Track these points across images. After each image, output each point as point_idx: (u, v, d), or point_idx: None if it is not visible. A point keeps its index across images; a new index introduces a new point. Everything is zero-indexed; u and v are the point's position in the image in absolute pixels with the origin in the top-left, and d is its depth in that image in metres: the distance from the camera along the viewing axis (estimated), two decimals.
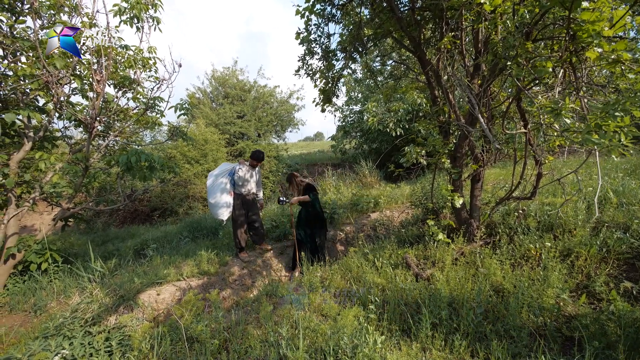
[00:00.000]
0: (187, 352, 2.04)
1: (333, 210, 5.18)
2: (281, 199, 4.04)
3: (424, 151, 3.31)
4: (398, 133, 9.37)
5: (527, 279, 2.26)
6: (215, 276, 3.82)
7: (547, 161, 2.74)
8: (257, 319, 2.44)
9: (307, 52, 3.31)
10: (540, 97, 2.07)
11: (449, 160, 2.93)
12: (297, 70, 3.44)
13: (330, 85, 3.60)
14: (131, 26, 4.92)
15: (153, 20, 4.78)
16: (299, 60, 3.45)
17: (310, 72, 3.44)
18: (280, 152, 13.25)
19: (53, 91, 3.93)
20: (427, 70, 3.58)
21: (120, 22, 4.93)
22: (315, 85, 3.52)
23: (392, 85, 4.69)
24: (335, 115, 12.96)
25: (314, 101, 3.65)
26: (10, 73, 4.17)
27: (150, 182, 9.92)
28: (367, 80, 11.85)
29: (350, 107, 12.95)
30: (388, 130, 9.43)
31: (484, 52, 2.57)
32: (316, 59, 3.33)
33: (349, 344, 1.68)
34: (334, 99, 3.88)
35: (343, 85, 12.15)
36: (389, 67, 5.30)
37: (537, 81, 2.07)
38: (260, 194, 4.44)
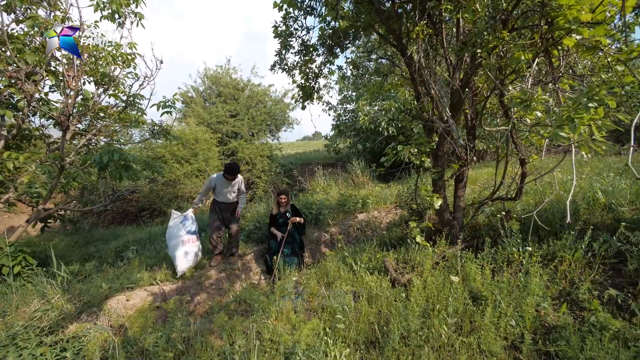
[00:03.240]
0: None
1: (319, 211, 5.03)
2: (278, 239, 3.85)
3: (414, 149, 3.19)
4: (390, 132, 9.21)
5: (507, 285, 2.12)
6: (191, 280, 3.67)
7: (531, 160, 2.60)
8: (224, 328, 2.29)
9: (283, 45, 3.15)
10: (511, 89, 1.93)
11: (429, 159, 2.78)
12: (273, 66, 3.29)
13: (310, 81, 3.45)
14: (113, 22, 4.77)
15: (135, 16, 4.64)
16: (275, 55, 3.30)
17: (286, 67, 3.28)
18: (274, 152, 13.09)
19: (21, 87, 3.77)
20: (410, 65, 3.43)
21: (100, 18, 4.78)
22: (294, 81, 3.37)
23: (378, 83, 4.55)
24: (329, 114, 12.83)
25: (292, 97, 3.49)
26: None
27: (138, 182, 9.73)
28: (355, 79, 11.74)
29: (344, 106, 12.82)
30: (380, 129, 9.29)
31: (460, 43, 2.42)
32: (292, 53, 3.18)
33: (305, 358, 1.53)
34: (318, 96, 3.72)
35: (336, 84, 12.02)
36: (373, 64, 5.16)
37: (514, 74, 1.92)
38: (241, 205, 4.18)
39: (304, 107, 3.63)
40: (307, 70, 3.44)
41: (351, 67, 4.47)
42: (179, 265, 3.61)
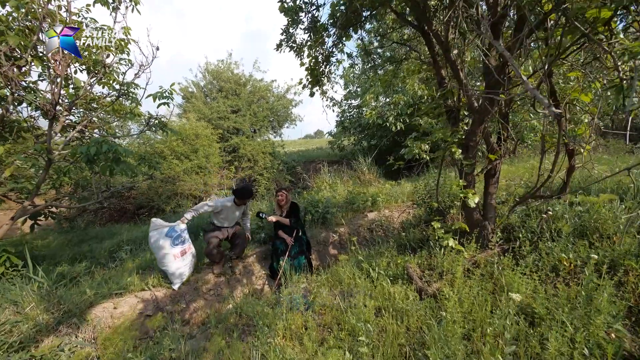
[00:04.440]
0: None
1: (326, 209, 4.66)
2: (261, 214, 3.67)
3: (426, 145, 2.84)
4: (398, 127, 8.79)
5: (564, 300, 1.74)
6: (187, 285, 3.31)
7: (582, 151, 2.21)
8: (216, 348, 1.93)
9: (290, 22, 2.78)
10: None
11: (460, 151, 2.40)
12: (279, 45, 2.91)
13: (320, 64, 3.07)
14: (107, 7, 4.44)
15: (130, 1, 4.30)
16: (281, 34, 2.92)
17: (294, 46, 2.90)
18: (277, 149, 12.74)
19: (4, 72, 3.42)
20: (432, 46, 3.05)
21: (94, 3, 4.45)
22: (302, 64, 2.99)
23: (392, 71, 4.15)
24: (333, 110, 12.46)
25: (300, 82, 3.12)
26: None
27: (136, 179, 9.42)
28: (364, 73, 11.35)
29: (349, 102, 12.43)
30: (388, 124, 8.89)
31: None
32: (301, 28, 2.80)
33: None
34: (326, 82, 3.34)
35: (341, 78, 11.62)
36: (387, 50, 4.74)
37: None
38: (248, 225, 3.88)
39: (312, 94, 3.26)
40: (317, 53, 3.06)
41: (362, 53, 4.08)
42: (174, 281, 3.20)
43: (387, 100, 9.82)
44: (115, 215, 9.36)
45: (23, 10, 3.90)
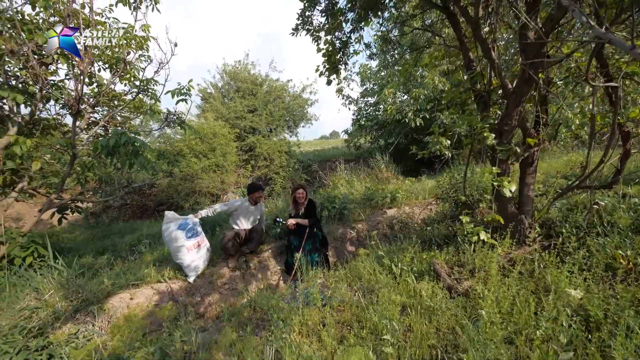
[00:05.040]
0: None
1: (343, 205, 4.50)
2: (277, 220, 3.62)
3: (447, 141, 2.65)
4: (418, 124, 8.48)
5: (626, 302, 1.49)
6: (202, 279, 3.26)
7: None
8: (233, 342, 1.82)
9: (307, 4, 2.65)
10: None
11: (492, 135, 2.17)
12: (295, 29, 2.80)
13: (338, 50, 2.93)
14: (129, 7, 4.55)
15: (151, 0, 4.39)
16: (297, 18, 2.81)
17: (311, 29, 2.77)
18: (292, 148, 12.73)
19: (31, 66, 3.55)
20: (460, 27, 2.83)
21: (116, 3, 4.57)
22: (319, 49, 2.86)
23: (414, 58, 3.94)
24: (349, 109, 12.27)
25: (316, 69, 2.99)
26: None
27: (157, 175, 9.68)
28: (382, 68, 11.07)
29: (366, 99, 12.19)
30: (407, 120, 8.59)
31: None
32: (318, 10, 2.67)
33: None
34: (342, 71, 3.19)
35: (357, 75, 11.43)
36: (407, 38, 4.50)
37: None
38: (263, 226, 3.85)
39: (329, 82, 3.12)
40: (334, 39, 2.92)
41: (381, 42, 3.89)
42: (189, 274, 3.17)
43: (405, 97, 9.53)
44: (138, 212, 9.68)
45: (51, 10, 4.05)
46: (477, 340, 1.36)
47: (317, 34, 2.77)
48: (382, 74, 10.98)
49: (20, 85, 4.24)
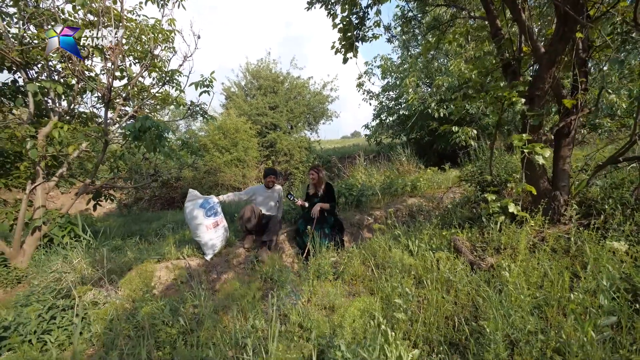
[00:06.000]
0: (137, 340, 1.49)
1: (361, 192, 4.39)
2: (290, 195, 3.67)
3: (473, 132, 2.51)
4: (441, 114, 8.13)
5: None
6: (219, 257, 3.32)
7: None
8: (241, 308, 1.81)
9: None
10: None
11: (523, 100, 1.98)
12: (310, 3, 2.76)
13: (355, 25, 2.85)
14: (157, 5, 4.82)
15: None
16: None
17: (327, 1, 2.71)
18: (312, 144, 12.78)
19: (69, 58, 3.83)
20: None
21: (145, 1, 4.85)
22: (335, 25, 2.80)
23: (437, 36, 3.75)
24: (370, 104, 12.06)
25: (332, 47, 2.93)
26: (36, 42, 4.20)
27: (182, 167, 10.06)
28: (405, 59, 10.76)
29: (387, 94, 11.92)
30: (430, 111, 8.27)
31: None
32: None
33: (351, 356, 0.94)
34: (359, 47, 3.10)
35: (378, 68, 11.20)
36: (428, 16, 4.27)
37: None
38: (279, 216, 3.86)
39: (345, 61, 3.04)
40: (350, 14, 2.84)
41: (401, 22, 3.75)
42: (207, 252, 3.25)
43: (428, 90, 9.18)
44: (165, 203, 10.22)
45: (87, 6, 4.36)
46: (501, 310, 1.22)
47: (332, 7, 2.72)
48: (405, 66, 10.68)
49: (61, 80, 4.61)
